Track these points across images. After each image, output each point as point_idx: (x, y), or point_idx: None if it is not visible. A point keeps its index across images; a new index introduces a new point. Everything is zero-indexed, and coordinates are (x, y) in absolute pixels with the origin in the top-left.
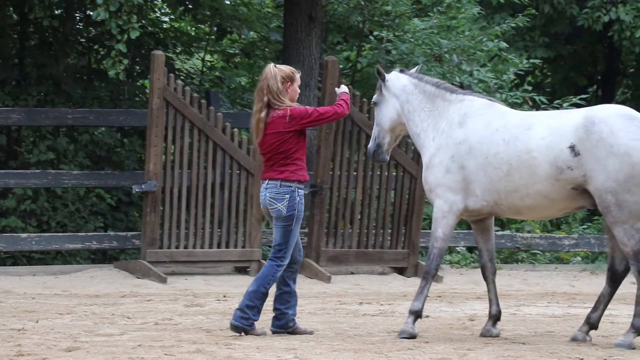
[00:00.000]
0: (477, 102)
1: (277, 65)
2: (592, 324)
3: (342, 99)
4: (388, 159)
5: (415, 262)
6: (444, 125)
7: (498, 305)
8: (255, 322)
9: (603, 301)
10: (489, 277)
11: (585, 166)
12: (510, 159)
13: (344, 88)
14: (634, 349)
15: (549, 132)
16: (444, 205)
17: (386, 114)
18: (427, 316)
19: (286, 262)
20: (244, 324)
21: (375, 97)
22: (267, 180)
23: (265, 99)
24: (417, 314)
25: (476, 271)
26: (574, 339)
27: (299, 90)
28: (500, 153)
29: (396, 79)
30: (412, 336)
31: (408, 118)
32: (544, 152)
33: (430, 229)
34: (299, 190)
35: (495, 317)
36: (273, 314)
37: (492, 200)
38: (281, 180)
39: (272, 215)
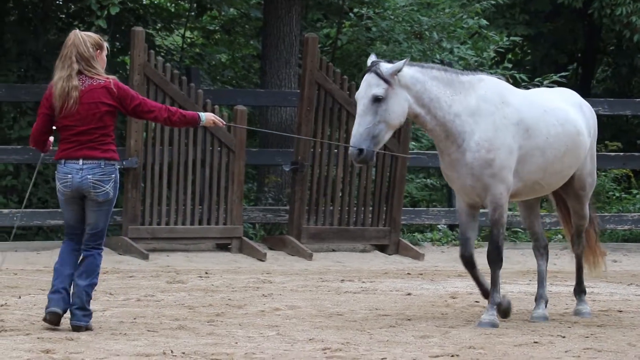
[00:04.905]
0: (495, 80)
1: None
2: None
3: (187, 113)
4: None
5: (396, 239)
6: (486, 106)
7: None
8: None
9: None
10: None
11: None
12: (567, 141)
13: (209, 115)
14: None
15: (581, 115)
16: (506, 189)
17: (397, 108)
18: (409, 294)
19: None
20: (87, 322)
21: (380, 91)
22: (81, 159)
23: (76, 66)
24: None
25: (457, 249)
26: None
27: (106, 60)
28: (559, 134)
29: (402, 70)
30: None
31: (431, 107)
32: (586, 135)
33: (411, 206)
34: (117, 170)
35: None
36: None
37: (531, 181)
38: (104, 160)
39: (94, 199)
